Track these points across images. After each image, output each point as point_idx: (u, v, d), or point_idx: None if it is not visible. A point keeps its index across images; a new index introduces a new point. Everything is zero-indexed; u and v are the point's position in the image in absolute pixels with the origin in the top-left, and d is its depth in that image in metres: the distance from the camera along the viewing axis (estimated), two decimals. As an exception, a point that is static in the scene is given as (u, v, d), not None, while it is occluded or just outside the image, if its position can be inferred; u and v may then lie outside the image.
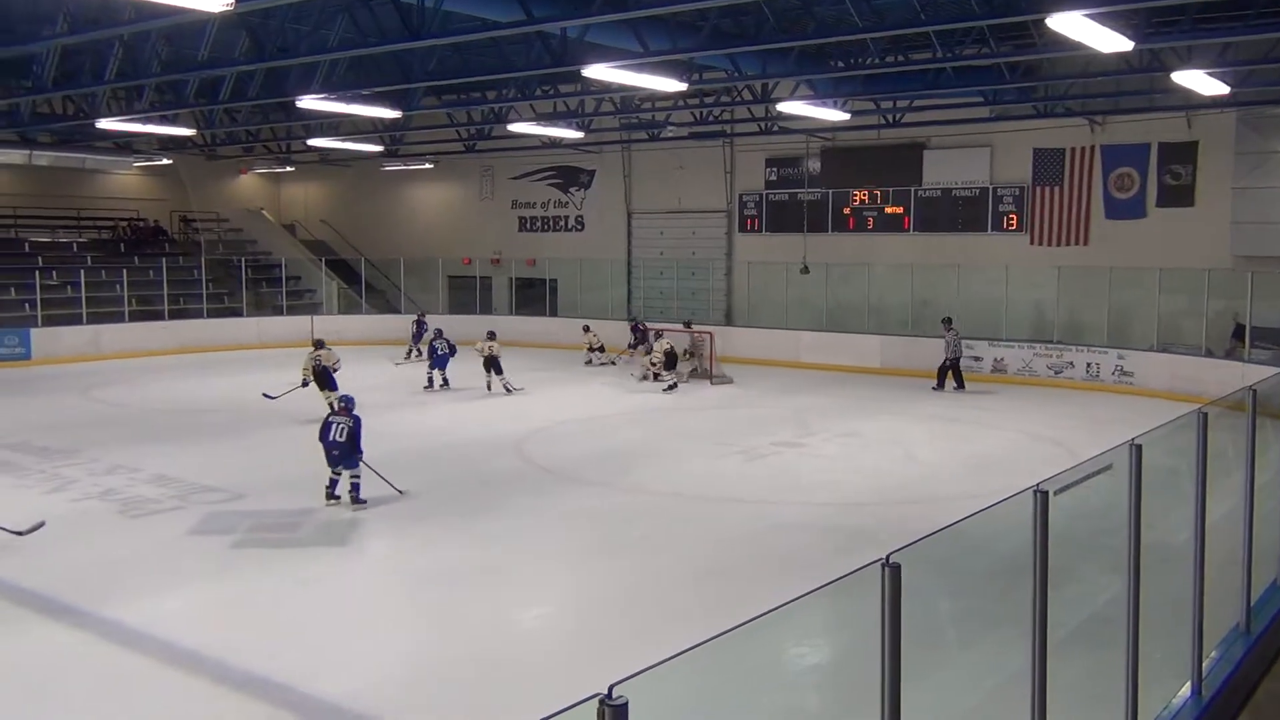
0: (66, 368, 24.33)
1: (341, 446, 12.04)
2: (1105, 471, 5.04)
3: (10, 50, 16.73)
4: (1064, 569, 5.77)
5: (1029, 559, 4.46)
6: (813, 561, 10.12)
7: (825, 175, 27.35)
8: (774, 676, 4.63)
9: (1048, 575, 4.35)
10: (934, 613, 5.46)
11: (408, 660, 7.93)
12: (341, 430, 12.05)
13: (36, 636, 8.21)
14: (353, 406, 12.52)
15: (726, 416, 18.66)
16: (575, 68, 15.88)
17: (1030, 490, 4.29)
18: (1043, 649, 4.37)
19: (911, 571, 3.65)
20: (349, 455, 12.09)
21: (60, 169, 31.15)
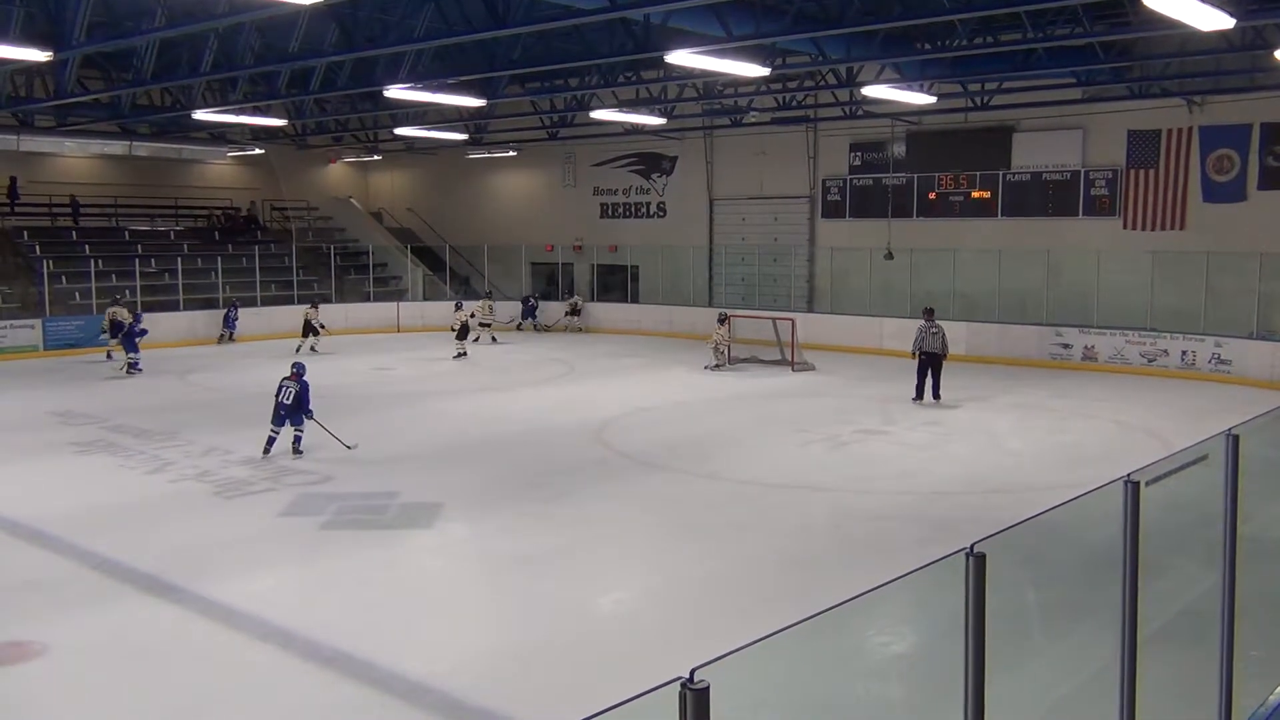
0: (164, 352, 25.09)
1: (287, 408, 13.87)
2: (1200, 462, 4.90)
3: (113, 44, 17.27)
4: (1155, 562, 5.62)
5: (1118, 551, 4.37)
6: (895, 551, 10.02)
7: (910, 159, 26.94)
8: (856, 665, 4.61)
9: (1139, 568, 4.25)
10: (1020, 604, 5.38)
11: (488, 642, 8.05)
12: (288, 394, 13.90)
13: (140, 611, 8.53)
14: (303, 373, 14.24)
15: (808, 404, 18.53)
16: (658, 54, 15.87)
17: (1121, 481, 4.20)
18: (1132, 643, 4.28)
19: (997, 562, 3.60)
20: (295, 414, 13.93)
21: (158, 159, 32.09)
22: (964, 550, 3.37)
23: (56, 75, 20.04)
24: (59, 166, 32.11)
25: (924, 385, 18.06)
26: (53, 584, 9.15)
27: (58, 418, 16.99)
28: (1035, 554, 5.35)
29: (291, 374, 14.12)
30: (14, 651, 7.58)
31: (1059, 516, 4.24)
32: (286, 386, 13.93)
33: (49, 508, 11.47)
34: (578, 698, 6.90)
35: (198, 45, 18.46)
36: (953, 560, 3.54)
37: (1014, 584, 4.80)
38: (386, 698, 6.96)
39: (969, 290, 25.49)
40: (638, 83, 23.16)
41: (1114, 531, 4.38)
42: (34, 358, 24.84)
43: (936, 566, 3.62)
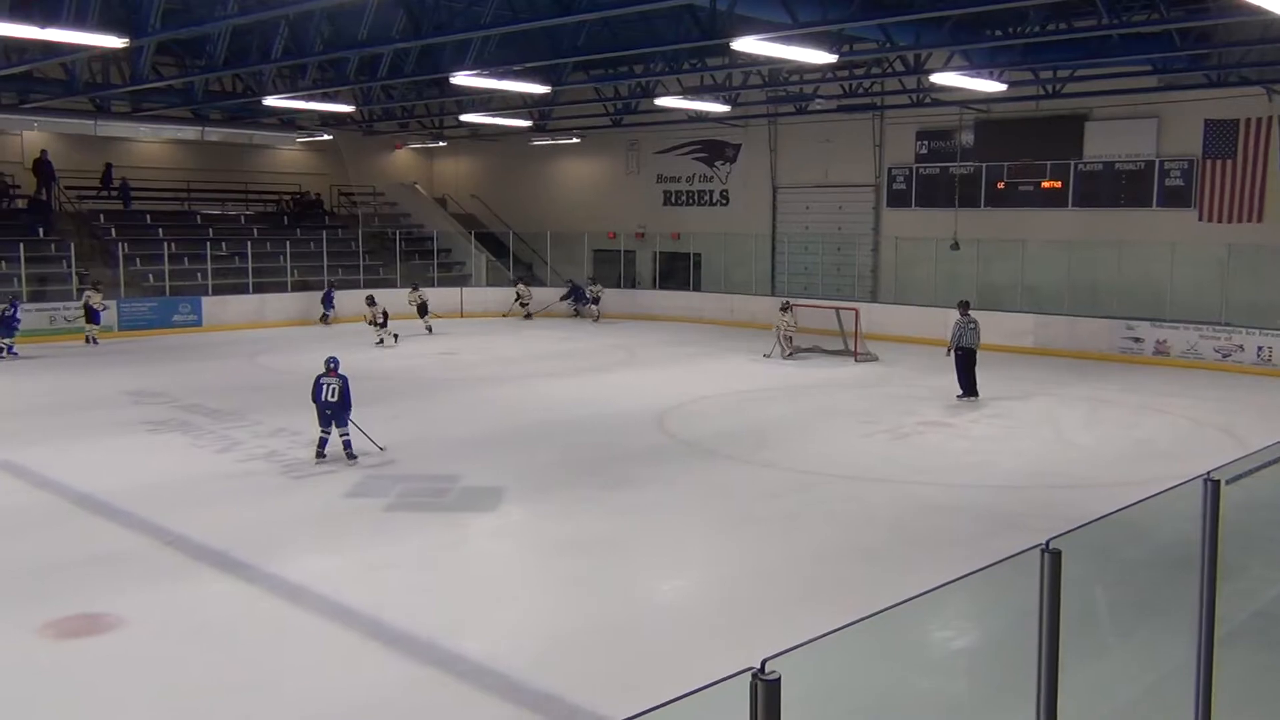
0: (234, 334, 25.59)
1: (334, 406, 12.68)
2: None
3: (186, 31, 17.61)
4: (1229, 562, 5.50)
5: (1191, 550, 4.28)
6: (960, 545, 9.91)
7: (979, 148, 26.53)
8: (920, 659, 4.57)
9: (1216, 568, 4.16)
10: (1090, 601, 5.29)
11: (547, 626, 8.10)
12: (333, 390, 12.68)
13: (210, 587, 8.72)
14: (339, 366, 12.99)
15: (871, 394, 18.37)
16: (724, 41, 15.80)
17: (1200, 479, 4.10)
18: (1209, 643, 4.18)
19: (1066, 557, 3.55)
20: (340, 413, 12.73)
21: (229, 145, 32.74)
22: (1039, 546, 3.32)
23: (132, 62, 20.49)
24: (135, 151, 32.82)
25: (969, 381, 17.61)
26: (127, 559, 9.40)
27: (131, 397, 17.41)
28: (1105, 550, 5.26)
29: (330, 370, 12.92)
30: (90, 624, 7.79)
31: (1129, 513, 4.16)
32: (327, 384, 12.70)
33: (123, 484, 11.77)
34: (637, 683, 6.93)
35: (269, 32, 18.76)
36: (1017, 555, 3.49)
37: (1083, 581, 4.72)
38: (448, 677, 7.05)
39: (1037, 282, 25.06)
40: (702, 69, 23.05)
41: (1187, 529, 4.29)
42: (109, 338, 25.45)
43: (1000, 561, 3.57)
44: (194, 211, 32.93)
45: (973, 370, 17.55)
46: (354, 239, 33.41)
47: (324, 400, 12.71)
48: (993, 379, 19.16)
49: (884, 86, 24.52)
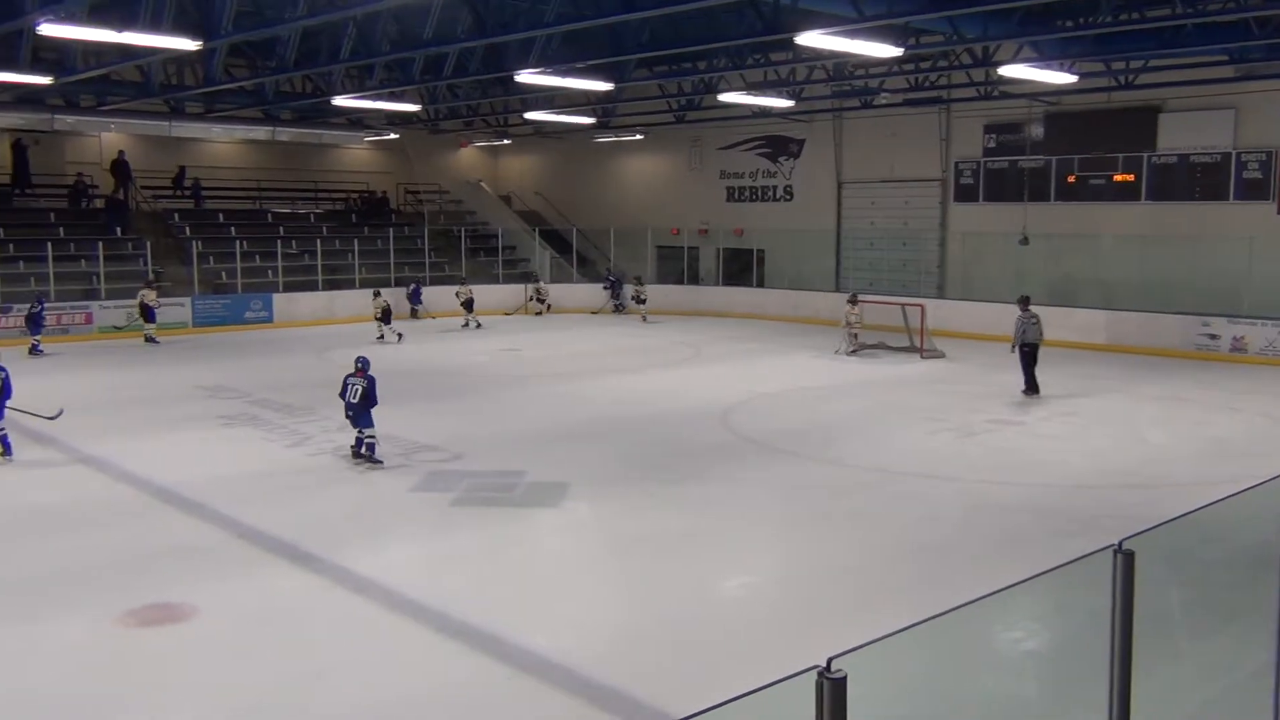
0: (304, 330, 26.02)
1: (354, 406, 12.53)
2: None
3: (258, 33, 17.95)
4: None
5: (1270, 551, 4.17)
6: (1030, 544, 9.77)
7: (1049, 141, 26.05)
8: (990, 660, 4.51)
9: (1295, 570, 4.05)
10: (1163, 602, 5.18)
11: (613, 621, 8.14)
12: (355, 391, 12.55)
13: (281, 578, 8.89)
14: (368, 367, 12.86)
15: (938, 391, 18.15)
16: (788, 35, 15.71)
17: (1279, 479, 4.00)
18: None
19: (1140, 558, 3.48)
20: (361, 414, 12.54)
21: (299, 144, 33.27)
22: (1112, 547, 3.26)
23: (205, 64, 20.93)
24: (207, 152, 33.52)
25: (1034, 378, 17.33)
26: (201, 550, 9.61)
27: (206, 391, 17.80)
28: (1180, 552, 5.15)
29: (357, 369, 12.79)
30: (166, 613, 7.99)
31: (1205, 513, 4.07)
32: (352, 384, 12.63)
33: (198, 477, 12.04)
34: (701, 680, 6.93)
35: (337, 33, 19.05)
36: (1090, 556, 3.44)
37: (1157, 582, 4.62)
38: (513, 671, 7.11)
39: (1109, 277, 24.57)
40: (766, 65, 22.96)
41: (1266, 531, 4.19)
42: (184, 334, 26.06)
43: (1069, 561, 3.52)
44: (265, 210, 33.57)
45: (1034, 366, 17.32)
46: (420, 236, 33.80)
47: (346, 400, 12.65)
48: (1064, 376, 18.85)
49: (951, 79, 24.18)
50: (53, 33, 14.96)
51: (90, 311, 25.23)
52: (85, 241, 27.25)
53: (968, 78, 23.59)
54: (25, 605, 8.23)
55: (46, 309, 23.38)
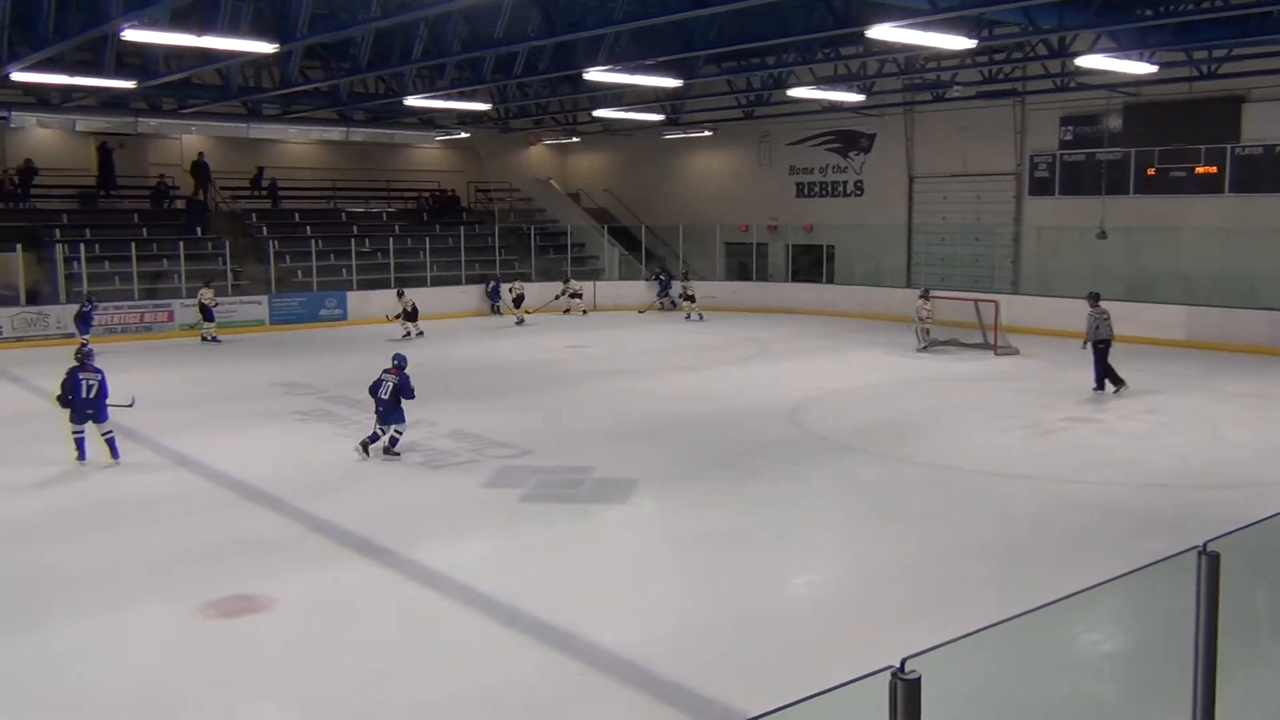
0: (377, 328, 26.38)
1: (385, 403, 12.91)
2: None
3: (332, 35, 18.25)
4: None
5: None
6: (1106, 545, 9.56)
7: (1127, 133, 25.45)
8: (1067, 662, 4.43)
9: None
10: (1248, 604, 5.03)
11: (680, 617, 8.14)
12: (386, 388, 12.92)
13: (354, 572, 9.04)
14: (404, 365, 13.20)
15: (1011, 388, 17.86)
16: (858, 29, 15.56)
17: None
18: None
19: (1224, 560, 3.39)
20: (394, 411, 12.95)
21: (372, 144, 33.76)
22: (1196, 548, 3.18)
23: (282, 66, 21.36)
24: (283, 152, 34.17)
25: (1105, 373, 17.01)
26: (278, 543, 9.82)
27: (282, 388, 18.17)
28: (1267, 554, 5.00)
29: (392, 367, 13.14)
30: (244, 604, 8.17)
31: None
32: (385, 380, 12.96)
33: (274, 471, 12.30)
34: (769, 678, 6.91)
35: (409, 34, 19.29)
36: (1174, 558, 3.35)
37: (1241, 585, 4.50)
38: (582, 666, 7.15)
39: (1190, 272, 23.95)
40: (836, 59, 22.74)
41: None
42: (261, 331, 26.62)
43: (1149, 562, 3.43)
44: (339, 210, 34.15)
45: (1106, 362, 17.03)
46: (490, 234, 34.11)
47: (379, 396, 12.95)
48: (1142, 373, 18.42)
49: (1026, 71, 23.76)
50: (136, 37, 15.35)
51: (172, 309, 25.89)
52: (167, 241, 27.98)
53: (1043, 69, 23.15)
54: (110, 595, 8.47)
55: (96, 309, 23.50)
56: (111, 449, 12.53)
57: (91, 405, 12.40)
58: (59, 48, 16.75)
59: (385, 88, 25.03)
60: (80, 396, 12.35)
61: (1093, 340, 17.08)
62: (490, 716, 6.54)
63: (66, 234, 27.13)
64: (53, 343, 23.16)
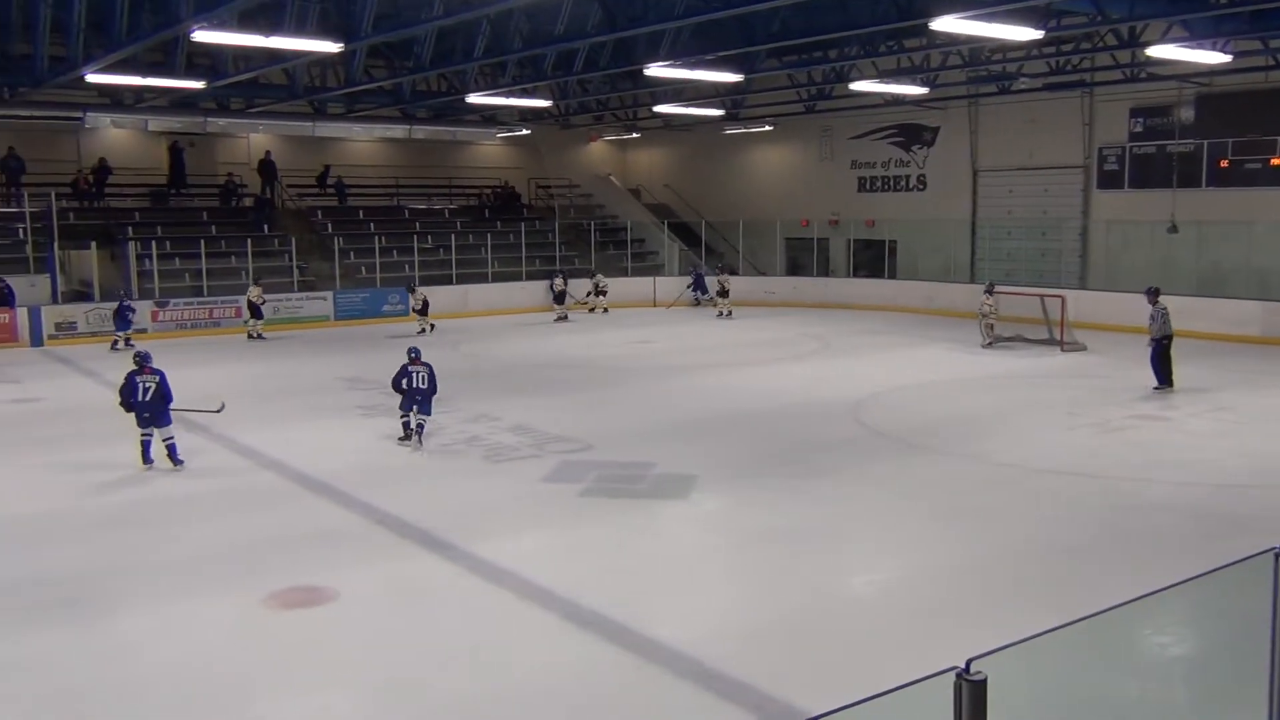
0: (439, 323, 26.63)
1: (423, 392, 13.25)
2: None
3: (396, 34, 18.45)
4: None
5: None
6: (1177, 546, 9.37)
7: (1200, 124, 24.85)
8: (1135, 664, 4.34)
9: None
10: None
11: (740, 614, 8.11)
12: (421, 378, 13.27)
13: (417, 564, 9.15)
14: (420, 356, 13.52)
15: (1078, 385, 17.54)
16: (922, 21, 15.37)
17: None
18: None
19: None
20: (427, 401, 13.33)
21: (434, 142, 34.10)
22: (1272, 550, 3.10)
23: (347, 65, 21.64)
24: (348, 150, 34.64)
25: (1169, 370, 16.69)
26: (342, 535, 9.96)
27: (347, 382, 18.42)
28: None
29: (412, 359, 13.43)
30: (310, 595, 8.30)
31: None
32: (416, 371, 13.26)
33: (338, 464, 12.48)
34: (829, 676, 6.86)
35: (471, 32, 19.44)
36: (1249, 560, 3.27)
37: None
38: (642, 661, 7.16)
39: (1266, 266, 23.32)
40: (899, 52, 22.48)
41: None
42: (326, 327, 27.03)
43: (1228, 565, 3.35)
44: (402, 206, 34.54)
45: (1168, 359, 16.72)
46: (551, 230, 34.27)
47: (414, 387, 13.23)
48: (1214, 370, 18.03)
49: (1094, 62, 23.28)
50: (205, 38, 15.68)
51: (240, 306, 26.34)
52: (234, 238, 28.52)
53: (1113, 59, 22.67)
54: (179, 586, 8.66)
55: (131, 305, 23.65)
56: (172, 455, 12.28)
57: (149, 409, 12.14)
58: (132, 49, 17.15)
59: (447, 85, 25.26)
60: (137, 400, 12.12)
61: (1160, 337, 16.70)
62: (549, 708, 6.57)
63: (138, 232, 27.79)
64: (126, 338, 23.69)
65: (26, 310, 23.76)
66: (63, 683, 6.93)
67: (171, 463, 12.27)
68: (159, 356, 13.06)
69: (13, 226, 26.73)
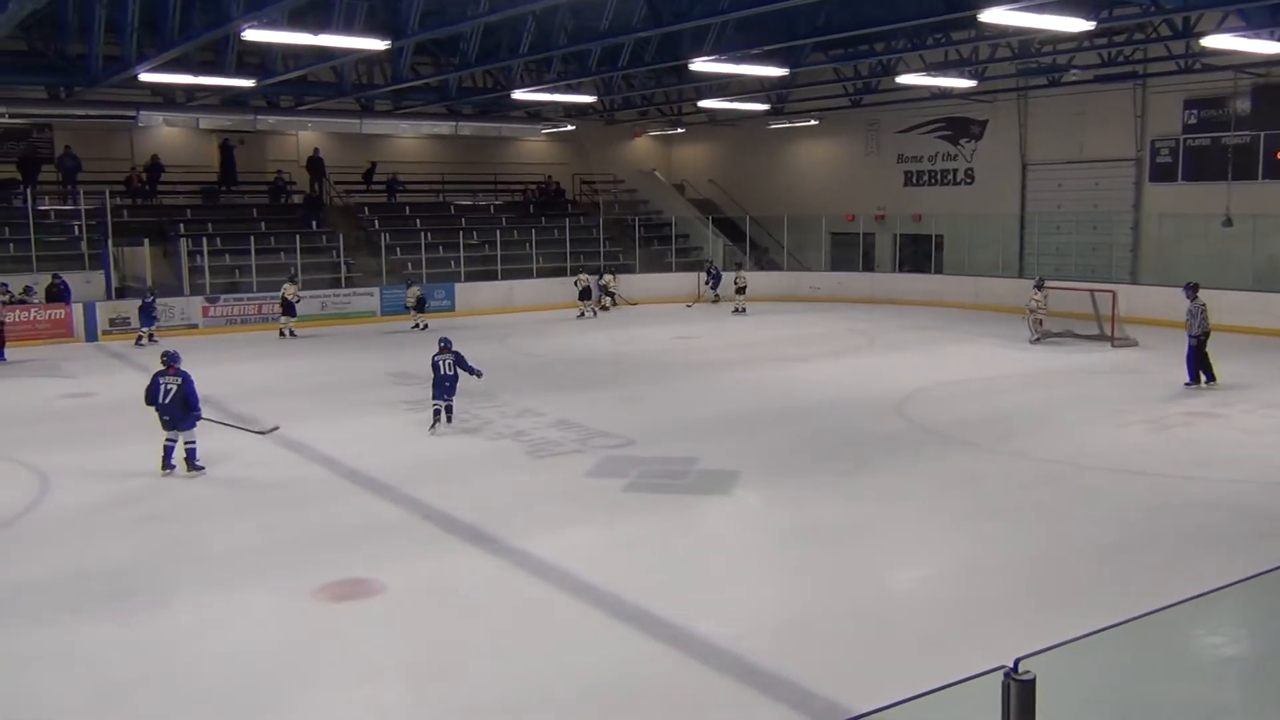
0: (484, 319, 26.84)
1: (450, 379, 14.03)
2: None
3: (443, 31, 18.55)
4: None
5: None
6: (1230, 544, 9.20)
7: (1256, 116, 24.36)
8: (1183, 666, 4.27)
9: None
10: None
11: (782, 609, 8.09)
12: (448, 364, 14.03)
13: (462, 559, 9.21)
14: (450, 345, 14.25)
15: (1129, 382, 17.27)
16: (970, 13, 15.19)
17: None
18: None
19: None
20: (452, 387, 14.09)
21: (479, 138, 34.28)
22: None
23: (394, 62, 21.81)
24: (394, 147, 34.92)
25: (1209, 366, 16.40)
26: (388, 529, 10.06)
27: (393, 378, 18.58)
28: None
29: (442, 348, 14.16)
30: (357, 588, 8.40)
31: None
32: (443, 359, 13.99)
33: (385, 459, 12.59)
34: (872, 674, 6.83)
35: (517, 28, 19.51)
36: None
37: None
38: (683, 656, 7.16)
39: (1323, 260, 22.84)
40: (946, 44, 22.27)
41: None
42: (372, 322, 27.28)
43: None
44: (448, 203, 34.75)
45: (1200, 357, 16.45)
46: (595, 226, 34.32)
47: (442, 374, 13.97)
48: (1270, 366, 17.68)
49: (1147, 53, 22.91)
50: (255, 37, 15.86)
51: (283, 301, 26.64)
52: (284, 235, 28.86)
53: (1166, 50, 22.29)
54: (230, 577, 8.79)
55: (157, 301, 23.78)
56: (190, 460, 11.89)
57: (169, 411, 11.75)
58: (184, 48, 17.40)
59: (493, 82, 25.37)
60: (159, 401, 11.74)
61: (1193, 334, 16.41)
62: (592, 702, 6.60)
63: (190, 228, 28.21)
64: (178, 333, 24.09)
65: (81, 306, 24.21)
66: (113, 675, 7.05)
67: (188, 468, 11.90)
68: (208, 352, 13.27)
69: (69, 224, 27.24)
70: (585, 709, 6.54)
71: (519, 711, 6.51)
